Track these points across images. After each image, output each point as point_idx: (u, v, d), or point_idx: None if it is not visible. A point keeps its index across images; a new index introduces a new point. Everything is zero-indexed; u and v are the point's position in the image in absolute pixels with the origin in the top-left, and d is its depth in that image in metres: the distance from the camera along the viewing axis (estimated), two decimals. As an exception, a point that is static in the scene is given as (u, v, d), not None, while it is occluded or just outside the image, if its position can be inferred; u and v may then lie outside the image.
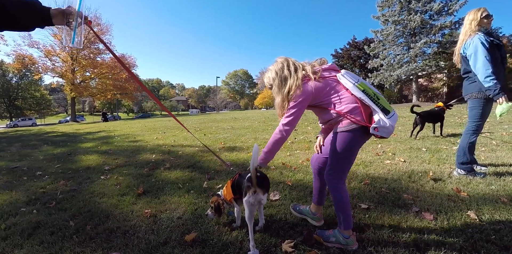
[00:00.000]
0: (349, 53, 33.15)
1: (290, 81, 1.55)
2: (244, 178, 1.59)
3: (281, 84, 1.59)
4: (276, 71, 1.63)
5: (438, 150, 4.07)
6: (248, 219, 1.54)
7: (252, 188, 1.50)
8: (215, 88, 71.20)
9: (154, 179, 3.06)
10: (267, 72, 1.71)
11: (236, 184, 1.73)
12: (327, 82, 1.54)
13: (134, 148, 5.56)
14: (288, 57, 1.69)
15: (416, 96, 21.66)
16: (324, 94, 1.52)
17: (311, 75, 1.54)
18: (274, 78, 1.62)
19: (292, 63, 1.62)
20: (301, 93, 1.50)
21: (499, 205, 2.00)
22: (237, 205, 1.78)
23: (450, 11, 18.97)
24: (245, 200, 1.53)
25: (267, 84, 1.71)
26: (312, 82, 1.52)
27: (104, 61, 29.67)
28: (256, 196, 1.50)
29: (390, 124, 1.41)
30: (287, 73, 1.59)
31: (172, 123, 13.13)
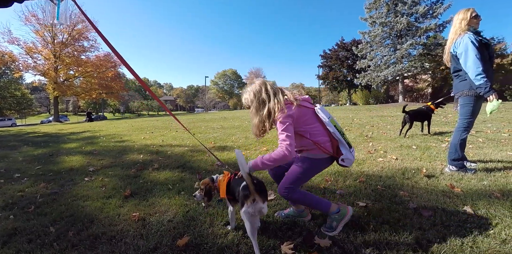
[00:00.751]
0: (337, 54, 33.66)
1: (270, 104, 1.61)
2: (238, 186, 1.48)
3: (259, 106, 1.65)
4: (254, 93, 1.68)
5: (428, 147, 4.15)
6: (251, 233, 1.39)
7: (250, 197, 1.36)
8: (203, 88, 70.62)
9: (142, 180, 2.92)
10: (245, 93, 1.76)
11: (230, 187, 1.62)
12: (306, 111, 1.66)
13: (120, 148, 5.35)
14: (266, 80, 1.75)
15: (402, 96, 22.20)
16: (303, 121, 1.62)
17: (294, 100, 1.63)
18: (252, 100, 1.68)
19: (270, 87, 1.68)
20: (287, 114, 1.55)
21: (493, 200, 2.03)
22: (230, 205, 1.68)
23: (434, 14, 19.58)
24: (243, 212, 1.37)
25: (245, 104, 1.78)
26: (295, 107, 1.60)
27: (89, 59, 28.68)
28: (256, 205, 1.36)
29: (353, 156, 1.65)
30: (265, 96, 1.64)
31: (160, 123, 12.85)
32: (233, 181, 1.61)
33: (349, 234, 1.60)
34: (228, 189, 1.62)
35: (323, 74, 36.02)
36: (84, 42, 28.42)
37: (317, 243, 1.50)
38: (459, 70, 2.79)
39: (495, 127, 5.95)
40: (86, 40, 28.34)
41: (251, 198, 1.35)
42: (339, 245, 1.50)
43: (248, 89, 1.76)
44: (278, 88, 1.72)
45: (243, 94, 1.79)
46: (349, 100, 37.42)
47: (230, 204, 1.68)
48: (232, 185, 1.59)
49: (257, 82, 1.74)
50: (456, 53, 2.72)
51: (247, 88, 1.78)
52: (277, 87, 1.75)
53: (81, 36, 27.53)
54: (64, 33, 26.81)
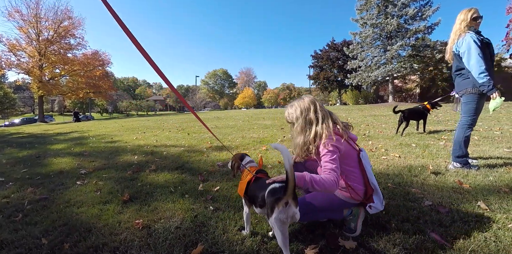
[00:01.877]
0: (328, 55, 33.92)
1: (318, 128, 1.51)
2: (262, 190, 1.32)
3: (304, 126, 1.55)
4: (301, 110, 1.57)
5: (427, 145, 4.21)
6: (283, 244, 1.23)
7: (283, 200, 1.18)
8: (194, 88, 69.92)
9: (140, 183, 2.74)
10: (290, 107, 1.64)
11: (249, 189, 1.49)
12: (352, 152, 1.54)
13: (112, 149, 5.12)
14: (315, 99, 1.63)
15: (392, 96, 22.55)
16: (345, 160, 1.50)
17: (344, 134, 1.52)
18: (298, 117, 1.57)
19: (320, 108, 1.57)
20: (336, 145, 1.44)
21: (503, 195, 2.05)
22: (246, 206, 1.56)
23: (423, 16, 19.93)
24: (274, 218, 1.19)
25: (287, 119, 1.66)
26: (344, 141, 1.49)
27: (76, 57, 27.65)
28: (289, 210, 1.19)
29: (382, 206, 1.54)
30: (313, 116, 1.54)
31: (151, 123, 12.54)
32: (254, 183, 1.48)
33: (373, 234, 1.55)
34: (246, 190, 1.49)
35: (314, 74, 36.22)
36: (71, 39, 27.34)
37: (342, 245, 1.43)
38: (462, 69, 2.81)
39: (486, 125, 6.08)
40: (73, 37, 27.27)
41: (283, 201, 1.19)
42: (365, 246, 1.44)
43: (294, 103, 1.64)
44: (328, 112, 1.59)
45: (288, 108, 1.66)
46: (339, 100, 37.80)
47: (246, 204, 1.55)
48: (253, 188, 1.46)
49: (306, 99, 1.60)
50: (459, 52, 2.75)
51: (294, 102, 1.65)
52: (326, 109, 1.61)
53: (67, 33, 26.50)
54: (49, 30, 25.78)
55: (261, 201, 1.34)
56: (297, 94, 68.25)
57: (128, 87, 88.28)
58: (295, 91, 69.48)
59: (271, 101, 71.11)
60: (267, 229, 1.66)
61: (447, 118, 8.56)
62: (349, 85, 28.43)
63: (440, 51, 19.65)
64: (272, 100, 71.16)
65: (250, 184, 1.49)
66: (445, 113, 10.12)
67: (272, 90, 77.72)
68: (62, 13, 25.42)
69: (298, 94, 68.32)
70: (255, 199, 1.40)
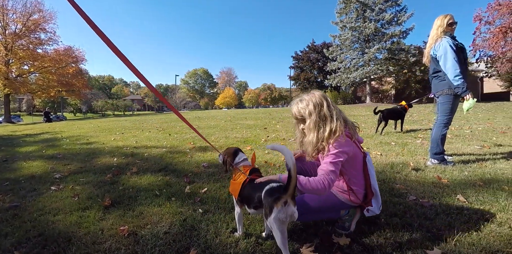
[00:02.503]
0: (309, 56, 34.50)
1: (333, 125, 1.43)
2: (258, 191, 1.29)
3: (319, 122, 1.45)
4: (314, 105, 1.47)
5: (405, 143, 4.40)
6: (282, 244, 1.20)
7: (282, 199, 1.17)
8: (173, 87, 68.35)
9: (121, 186, 2.59)
10: (301, 102, 1.52)
11: (244, 192, 1.44)
12: (359, 155, 1.50)
13: (88, 151, 4.84)
14: (325, 94, 1.54)
15: (369, 97, 23.41)
16: (351, 161, 1.46)
17: (353, 134, 1.48)
18: (311, 113, 1.47)
19: (332, 104, 1.50)
20: (344, 150, 1.39)
21: (478, 188, 2.20)
22: (237, 206, 1.51)
23: (399, 21, 21.01)
24: (273, 218, 1.17)
25: (296, 114, 1.53)
26: (353, 143, 1.45)
27: (47, 53, 25.84)
28: (288, 209, 1.17)
29: (379, 211, 1.54)
30: (327, 112, 1.45)
31: (129, 123, 12.07)
32: (248, 184, 1.43)
33: (365, 230, 1.58)
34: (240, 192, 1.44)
35: (295, 75, 36.69)
36: (41, 34, 25.45)
37: (336, 242, 1.44)
38: (439, 71, 2.99)
39: (457, 124, 6.47)
40: (44, 32, 25.43)
41: (282, 201, 1.16)
42: (358, 241, 1.46)
43: (305, 97, 1.51)
44: (338, 108, 1.53)
45: (298, 103, 1.53)
46: (319, 101, 38.57)
47: (238, 205, 1.50)
48: (247, 190, 1.41)
49: (316, 94, 1.51)
50: (436, 55, 2.91)
51: (303, 96, 1.53)
52: (336, 106, 1.53)
53: (37, 27, 24.67)
54: (17, 23, 23.91)
55: (257, 202, 1.31)
56: (278, 94, 68.72)
57: (103, 85, 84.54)
58: (276, 92, 69.89)
59: (252, 101, 71.16)
60: (260, 230, 1.63)
61: (421, 118, 9.01)
62: (329, 86, 29.19)
63: (414, 55, 20.73)
64: (253, 100, 71.22)
65: (244, 185, 1.45)
66: (419, 113, 10.66)
67: (253, 90, 77.77)
68: (31, 5, 23.68)
69: (279, 94, 68.84)
70: (250, 200, 1.36)
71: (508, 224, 1.58)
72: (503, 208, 1.81)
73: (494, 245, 1.38)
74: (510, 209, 1.78)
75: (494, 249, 1.35)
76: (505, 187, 2.19)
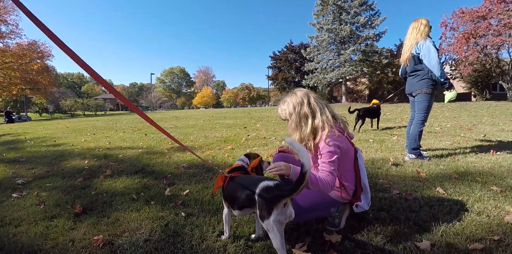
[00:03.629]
0: (286, 56, 34.91)
1: (316, 121, 1.42)
2: (251, 188, 1.18)
3: (299, 121, 1.46)
4: (294, 105, 1.48)
5: (383, 140, 4.57)
6: (280, 245, 1.11)
7: (284, 200, 1.08)
8: (148, 86, 66.01)
9: (94, 191, 2.37)
10: (282, 103, 1.55)
11: (227, 191, 1.35)
12: (351, 150, 1.49)
13: (56, 153, 4.46)
14: (309, 91, 1.53)
15: (345, 97, 24.23)
16: (343, 157, 1.44)
17: (345, 129, 1.46)
18: (291, 113, 1.48)
19: (314, 100, 1.48)
20: (338, 144, 1.37)
21: (454, 181, 2.33)
22: (226, 206, 1.41)
23: (373, 25, 22.08)
24: (273, 221, 1.08)
25: (280, 116, 1.58)
26: (345, 138, 1.43)
27: (8, 47, 23.73)
28: (287, 210, 1.11)
29: (368, 206, 1.54)
30: (307, 110, 1.45)
31: (101, 123, 11.42)
32: (230, 182, 1.34)
33: (355, 226, 1.58)
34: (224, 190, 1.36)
35: (273, 75, 36.96)
36: (2, 26, 23.42)
37: (328, 240, 1.41)
38: (418, 70, 3.14)
39: (427, 122, 6.82)
40: (5, 24, 23.37)
41: (283, 202, 1.09)
42: (349, 238, 1.45)
43: (286, 99, 1.54)
44: (324, 104, 1.50)
45: (280, 104, 1.55)
46: (297, 100, 39.31)
47: (226, 204, 1.40)
48: (230, 187, 1.32)
49: (298, 93, 1.51)
50: (419, 54, 3.03)
51: (286, 98, 1.54)
52: (323, 101, 1.52)
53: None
54: (-29, 14, 21.81)
55: (245, 202, 1.21)
56: (256, 94, 68.86)
57: (72, 84, 79.63)
58: (254, 91, 70.01)
59: (230, 100, 70.76)
60: (249, 231, 1.55)
61: (394, 116, 9.44)
62: (306, 86, 29.85)
63: (386, 57, 21.78)
64: (231, 100, 70.83)
65: (226, 182, 1.37)
66: (392, 112, 11.17)
67: (231, 90, 77.34)
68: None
69: (257, 94, 69.01)
70: (235, 199, 1.27)
71: (486, 213, 1.68)
72: (479, 198, 1.92)
73: (476, 234, 1.44)
74: (485, 199, 1.90)
75: (478, 237, 1.41)
76: (478, 179, 2.33)
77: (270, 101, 63.91)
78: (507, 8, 15.14)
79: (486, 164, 2.83)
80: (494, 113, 9.42)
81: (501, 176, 2.41)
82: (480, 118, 7.80)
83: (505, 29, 15.02)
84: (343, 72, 21.79)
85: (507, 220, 1.56)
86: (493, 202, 1.84)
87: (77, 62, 0.79)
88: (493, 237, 1.38)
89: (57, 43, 0.74)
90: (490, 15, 15.79)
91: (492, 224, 1.54)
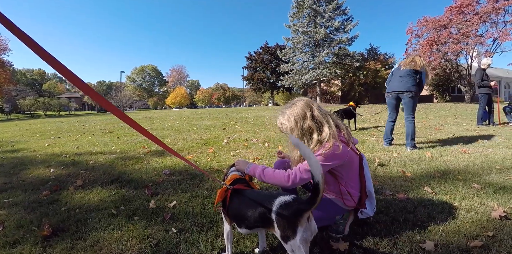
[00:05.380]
0: (262, 57, 35.04)
1: (322, 136, 1.31)
2: (265, 205, 1.04)
3: (301, 137, 1.35)
4: (295, 119, 1.35)
5: (363, 141, 4.69)
6: None
7: (306, 213, 0.97)
8: (118, 85, 62.71)
9: (64, 206, 2.06)
10: (282, 115, 1.42)
11: (233, 209, 1.21)
12: (355, 159, 1.42)
13: (14, 161, 3.96)
14: (311, 101, 1.40)
15: (319, 98, 24.88)
16: (347, 166, 1.39)
17: (349, 139, 1.38)
18: (293, 128, 1.36)
19: (318, 112, 1.36)
20: (338, 154, 1.28)
21: (438, 179, 2.41)
22: (227, 222, 1.28)
23: (346, 29, 22.92)
24: (299, 240, 0.96)
25: (280, 128, 1.46)
26: (349, 149, 1.34)
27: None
28: (311, 225, 1.01)
29: (372, 213, 1.52)
30: (312, 124, 1.33)
31: (67, 125, 10.54)
32: (235, 198, 1.20)
33: (358, 231, 1.55)
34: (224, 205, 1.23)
35: (248, 75, 36.89)
36: None
37: (336, 248, 1.36)
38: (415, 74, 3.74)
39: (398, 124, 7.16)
40: None
41: (306, 216, 0.97)
42: (356, 244, 1.41)
43: (286, 111, 1.40)
44: (327, 113, 1.39)
45: (279, 117, 1.42)
46: (272, 101, 39.65)
47: (227, 220, 1.27)
48: (237, 204, 1.18)
49: (299, 104, 1.38)
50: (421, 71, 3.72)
51: (285, 109, 1.40)
52: (325, 111, 1.40)
53: None
54: None
55: (259, 222, 1.07)
56: (231, 94, 68.32)
57: (32, 81, 72.88)
58: (230, 91, 69.39)
59: (205, 101, 69.50)
60: (251, 246, 1.43)
61: (368, 117, 9.81)
62: (281, 87, 30.27)
63: (358, 60, 22.73)
64: (205, 100, 69.58)
65: (231, 198, 1.22)
66: (365, 112, 11.61)
67: (205, 89, 75.98)
68: None
69: (232, 94, 68.49)
70: (244, 219, 1.13)
71: (474, 210, 1.74)
72: (464, 196, 2.00)
73: (471, 231, 1.49)
74: (470, 197, 1.98)
75: (474, 234, 1.46)
76: (459, 177, 2.44)
77: (245, 101, 63.81)
78: (465, 19, 16.53)
79: (461, 162, 2.98)
80: (455, 114, 10.16)
81: (477, 173, 2.55)
82: (445, 119, 8.35)
83: (463, 38, 16.37)
84: (317, 74, 22.34)
85: (494, 216, 1.63)
86: (477, 199, 1.92)
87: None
88: (488, 233, 1.44)
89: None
90: (450, 24, 17.09)
91: (482, 221, 1.60)
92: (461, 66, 19.85)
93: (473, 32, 16.18)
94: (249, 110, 19.66)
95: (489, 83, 6.07)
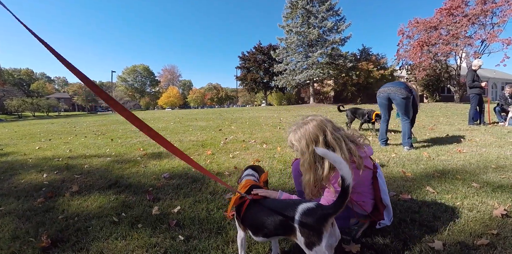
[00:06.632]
0: (255, 57, 35.02)
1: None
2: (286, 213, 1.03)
3: (314, 162, 1.30)
4: (307, 142, 1.28)
5: None
6: None
7: (330, 219, 0.96)
8: (109, 85, 61.60)
9: (61, 214, 1.97)
10: (293, 133, 1.35)
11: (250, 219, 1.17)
12: (367, 175, 1.41)
13: (4, 165, 3.81)
14: (325, 119, 1.33)
15: (312, 98, 25.02)
16: (358, 184, 1.37)
17: (358, 160, 1.30)
18: (304, 152, 1.30)
19: (331, 135, 1.28)
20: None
21: (438, 179, 2.42)
22: (240, 230, 1.24)
23: (339, 30, 23.15)
24: (325, 247, 0.95)
25: (291, 147, 1.41)
26: (361, 171, 1.31)
27: None
28: (335, 230, 1.00)
29: (390, 222, 1.49)
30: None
31: (57, 127, 10.28)
32: (253, 206, 1.17)
33: (367, 232, 1.54)
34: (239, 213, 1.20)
35: (241, 75, 36.80)
36: None
37: (349, 250, 1.36)
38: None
39: (392, 124, 7.26)
40: None
41: (330, 221, 0.96)
42: (367, 245, 1.41)
43: (298, 131, 1.33)
44: (342, 136, 1.31)
45: (290, 134, 1.36)
46: (265, 101, 39.68)
47: (241, 227, 1.23)
48: (254, 213, 1.15)
49: (311, 125, 1.30)
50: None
51: (297, 128, 1.33)
52: (339, 134, 1.31)
53: None
54: None
55: (279, 230, 1.05)
56: (224, 94, 68.01)
57: (20, 81, 70.72)
58: (223, 91, 69.02)
59: (198, 101, 68.99)
60: (264, 251, 1.39)
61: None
62: (274, 87, 30.33)
63: (350, 61, 22.95)
64: (198, 100, 69.07)
65: (244, 207, 1.19)
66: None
67: (198, 89, 75.43)
68: None
69: (225, 94, 68.19)
70: (262, 227, 1.10)
71: (476, 209, 1.76)
72: (465, 195, 2.02)
73: (476, 229, 1.51)
74: (471, 196, 2.00)
75: (479, 233, 1.48)
76: (458, 176, 2.47)
77: (239, 101, 63.55)
78: (455, 21, 16.89)
79: (458, 161, 3.02)
80: (446, 113, 10.34)
81: (474, 172, 2.59)
82: (437, 119, 8.49)
83: (453, 39, 16.72)
84: (311, 74, 22.46)
85: (496, 214, 1.66)
86: (478, 198, 1.95)
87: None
88: (492, 231, 1.46)
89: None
90: (440, 26, 17.44)
91: (485, 219, 1.62)
92: (450, 66, 20.27)
93: (462, 33, 16.56)
94: (242, 110, 19.61)
95: (480, 83, 6.19)
